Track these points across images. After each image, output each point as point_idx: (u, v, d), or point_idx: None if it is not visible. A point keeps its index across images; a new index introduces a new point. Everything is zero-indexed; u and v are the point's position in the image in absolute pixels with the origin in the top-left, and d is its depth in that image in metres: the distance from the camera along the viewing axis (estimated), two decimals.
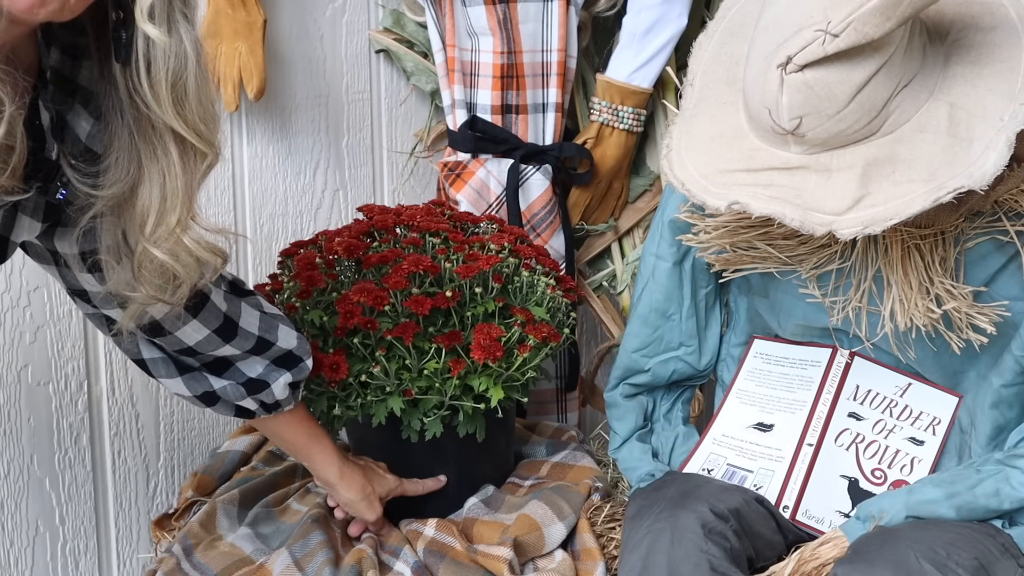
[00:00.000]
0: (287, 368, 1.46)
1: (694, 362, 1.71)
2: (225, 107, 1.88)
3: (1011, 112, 1.25)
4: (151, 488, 1.96)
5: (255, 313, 1.43)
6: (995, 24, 1.32)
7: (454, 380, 1.50)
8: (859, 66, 1.24)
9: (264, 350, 1.44)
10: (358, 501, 1.57)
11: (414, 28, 2.03)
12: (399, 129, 2.10)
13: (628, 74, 1.89)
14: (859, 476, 1.55)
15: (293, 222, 2.03)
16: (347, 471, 1.56)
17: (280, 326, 1.45)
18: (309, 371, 1.49)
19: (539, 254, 1.69)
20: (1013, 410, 1.46)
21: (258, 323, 1.42)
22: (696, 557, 1.36)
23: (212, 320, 1.37)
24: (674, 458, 1.69)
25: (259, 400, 1.46)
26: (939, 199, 1.23)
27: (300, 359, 1.48)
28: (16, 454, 1.80)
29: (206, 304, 1.35)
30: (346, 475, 1.55)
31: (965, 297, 1.40)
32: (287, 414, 1.51)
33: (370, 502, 1.57)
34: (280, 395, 1.47)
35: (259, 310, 1.44)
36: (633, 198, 2.02)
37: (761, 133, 1.33)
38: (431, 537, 1.54)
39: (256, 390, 1.45)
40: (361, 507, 1.57)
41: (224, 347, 1.40)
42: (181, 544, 1.60)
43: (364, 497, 1.56)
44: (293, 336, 1.47)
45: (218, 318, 1.37)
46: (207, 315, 1.36)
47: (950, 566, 1.28)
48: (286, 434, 1.54)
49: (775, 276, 1.57)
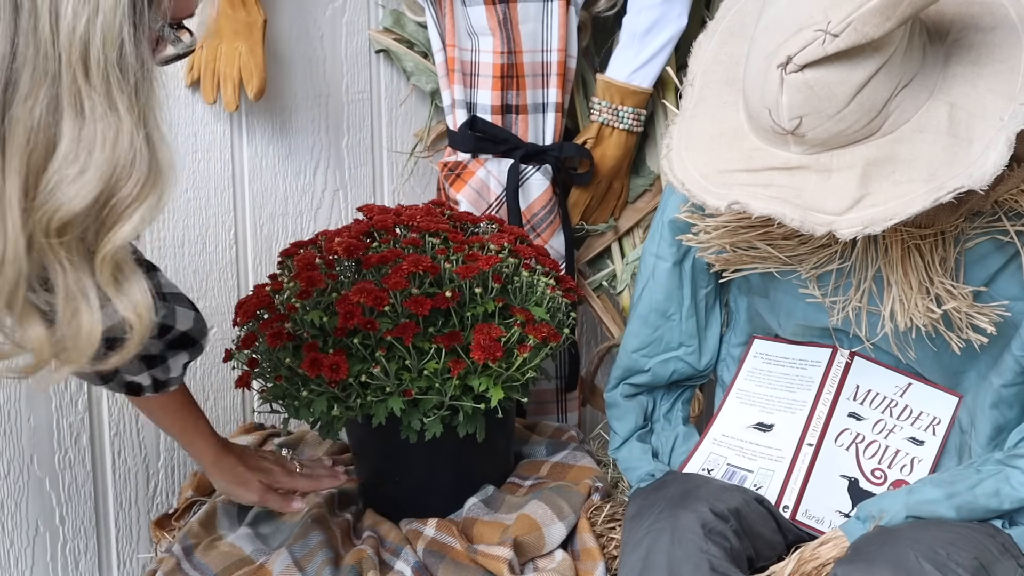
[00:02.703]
0: (184, 348, 1.45)
1: (694, 362, 1.71)
2: (225, 107, 1.88)
3: (1011, 112, 1.25)
4: (151, 488, 1.96)
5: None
6: (995, 24, 1.32)
7: (454, 380, 1.50)
8: (859, 66, 1.24)
9: (164, 335, 1.42)
10: (230, 489, 1.58)
11: (414, 28, 2.03)
12: (399, 129, 2.10)
13: (628, 74, 1.89)
14: (859, 476, 1.55)
15: (293, 222, 2.03)
16: (219, 462, 1.56)
17: (177, 309, 1.42)
18: (203, 351, 1.48)
19: (539, 254, 1.69)
20: (1013, 410, 1.46)
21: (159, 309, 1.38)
22: (696, 557, 1.36)
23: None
24: (674, 458, 1.69)
25: (154, 376, 1.44)
26: (939, 199, 1.23)
27: (196, 340, 1.46)
28: (16, 454, 1.80)
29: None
30: (217, 467, 1.56)
31: (965, 297, 1.40)
32: (171, 395, 1.49)
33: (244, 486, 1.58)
34: (175, 372, 1.45)
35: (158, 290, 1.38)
36: (633, 198, 2.02)
37: (761, 133, 1.33)
38: (431, 537, 1.54)
39: (154, 364, 1.43)
40: (234, 494, 1.59)
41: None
42: (181, 544, 1.60)
43: (237, 484, 1.57)
44: (190, 317, 1.44)
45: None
46: None
47: (950, 566, 1.28)
48: (167, 417, 1.53)
49: (775, 276, 1.57)
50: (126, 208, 0.98)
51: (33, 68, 0.93)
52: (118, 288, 1.02)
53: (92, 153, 0.96)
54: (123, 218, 0.98)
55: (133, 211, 0.98)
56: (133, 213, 0.98)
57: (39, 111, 0.94)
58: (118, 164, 0.96)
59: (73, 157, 0.95)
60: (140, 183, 0.98)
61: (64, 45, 0.93)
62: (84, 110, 0.95)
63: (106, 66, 0.94)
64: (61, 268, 1.00)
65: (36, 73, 0.93)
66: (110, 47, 0.94)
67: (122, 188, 0.97)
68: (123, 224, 0.98)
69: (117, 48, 0.94)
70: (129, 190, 0.97)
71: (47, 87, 0.94)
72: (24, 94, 0.94)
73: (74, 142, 0.95)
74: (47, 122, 0.94)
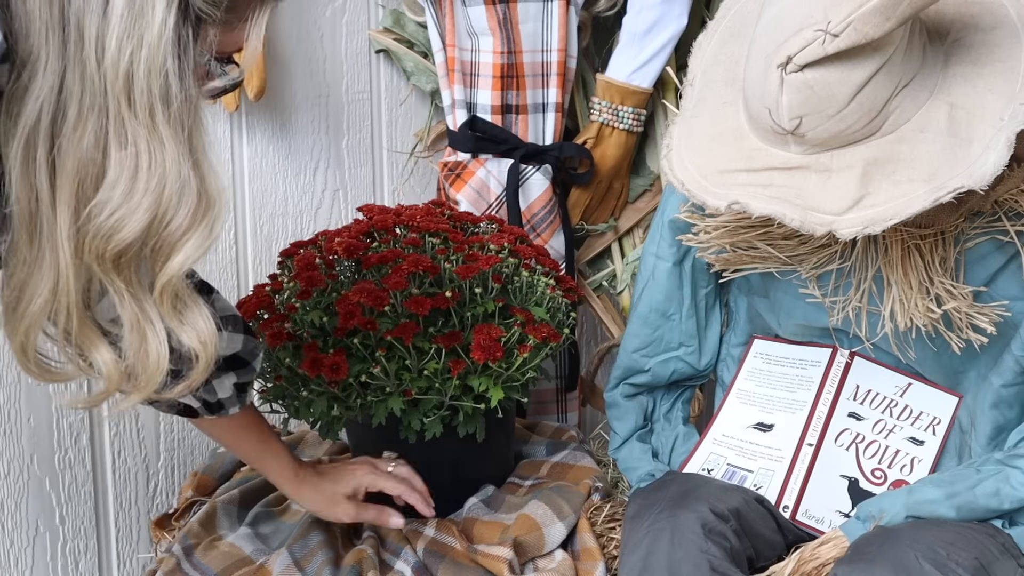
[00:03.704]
0: (230, 369, 1.41)
1: (694, 362, 1.71)
2: (225, 107, 1.88)
3: (1011, 112, 1.25)
4: (151, 488, 1.96)
5: None
6: (995, 24, 1.32)
7: (454, 380, 1.50)
8: (859, 66, 1.24)
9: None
10: (319, 506, 1.53)
11: (414, 28, 2.03)
12: (399, 129, 2.10)
13: (628, 74, 1.89)
14: (859, 476, 1.55)
15: (293, 222, 2.03)
16: (304, 477, 1.51)
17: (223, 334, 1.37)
18: (256, 373, 1.44)
19: (539, 254, 1.69)
20: (1013, 410, 1.46)
21: None
22: (696, 557, 1.36)
23: None
24: (674, 458, 1.69)
25: (201, 399, 1.41)
26: (939, 199, 1.23)
27: (246, 362, 1.42)
28: (16, 454, 1.80)
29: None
30: (304, 482, 1.51)
31: (965, 297, 1.40)
32: (235, 419, 1.45)
33: (334, 504, 1.52)
34: (223, 394, 1.41)
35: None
36: (633, 198, 2.02)
37: (761, 133, 1.33)
38: (431, 537, 1.54)
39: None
40: (326, 512, 1.53)
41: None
42: (181, 544, 1.60)
43: (326, 501, 1.52)
44: (238, 340, 1.41)
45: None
46: None
47: (950, 566, 1.28)
48: (234, 440, 1.49)
49: (775, 276, 1.57)
50: (179, 238, 0.99)
51: (80, 99, 0.94)
52: (180, 318, 1.04)
53: (139, 183, 0.97)
54: (177, 248, 1.00)
55: (186, 240, 1.00)
56: (186, 242, 1.00)
57: (87, 142, 0.95)
58: (166, 194, 0.97)
59: (122, 188, 0.96)
60: (190, 212, 0.99)
61: (109, 78, 0.94)
62: (130, 141, 0.96)
63: (150, 98, 0.95)
64: (122, 298, 1.01)
65: (83, 104, 0.95)
66: (154, 80, 0.95)
67: (173, 218, 0.98)
68: (177, 254, 1.00)
69: (161, 80, 0.95)
70: (180, 220, 0.99)
71: (95, 118, 0.95)
72: (72, 125, 0.95)
73: (121, 173, 0.96)
74: (95, 153, 0.96)
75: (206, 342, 1.05)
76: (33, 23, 0.93)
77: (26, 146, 0.95)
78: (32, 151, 0.95)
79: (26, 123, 0.95)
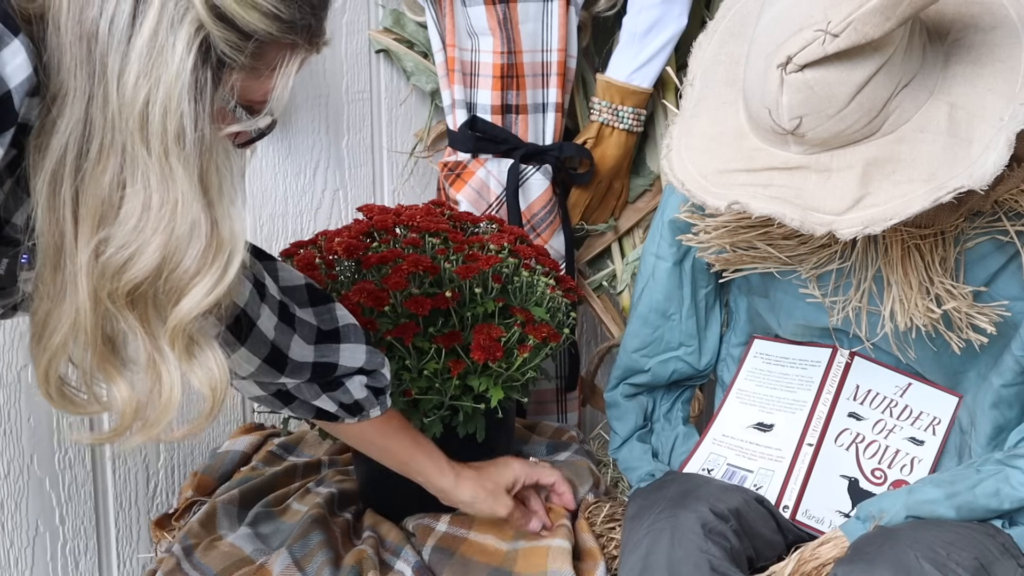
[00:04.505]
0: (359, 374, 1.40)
1: (694, 362, 1.71)
2: None
3: (1011, 112, 1.25)
4: (151, 488, 1.96)
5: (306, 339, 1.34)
6: (995, 24, 1.32)
7: (454, 380, 1.50)
8: (859, 66, 1.24)
9: (326, 375, 1.37)
10: (481, 500, 1.52)
11: (414, 28, 2.03)
12: (399, 129, 2.10)
13: (628, 74, 1.89)
14: (859, 476, 1.55)
15: (293, 222, 2.03)
16: (462, 473, 1.51)
17: (342, 347, 1.36)
18: (388, 380, 1.42)
19: (539, 254, 1.69)
20: (1013, 410, 1.46)
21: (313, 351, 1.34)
22: (696, 557, 1.36)
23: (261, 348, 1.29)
24: (674, 458, 1.69)
25: (337, 400, 1.39)
26: (939, 199, 1.23)
27: (374, 371, 1.41)
28: (16, 454, 1.80)
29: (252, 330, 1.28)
30: (465, 478, 1.51)
31: (965, 297, 1.40)
32: (382, 422, 1.44)
33: (495, 497, 1.52)
34: (358, 394, 1.39)
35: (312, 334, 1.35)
36: (633, 198, 2.02)
37: (761, 133, 1.33)
38: (443, 532, 1.54)
39: (331, 387, 1.38)
40: (484, 506, 1.52)
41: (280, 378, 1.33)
42: (181, 544, 1.60)
43: (488, 494, 1.51)
44: (361, 352, 1.38)
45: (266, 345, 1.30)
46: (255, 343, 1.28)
47: (950, 566, 1.28)
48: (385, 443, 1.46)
49: (775, 276, 1.57)
50: (189, 280, 1.00)
51: (102, 136, 0.95)
52: (191, 361, 1.04)
53: (150, 221, 0.97)
54: (187, 291, 1.00)
55: (196, 283, 1.00)
56: (196, 285, 1.00)
57: (107, 179, 0.96)
58: (175, 233, 0.98)
59: (132, 224, 0.97)
60: (199, 253, 0.99)
61: (125, 114, 0.95)
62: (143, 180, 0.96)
63: (164, 138, 0.95)
64: (136, 336, 1.02)
65: (105, 141, 0.95)
66: (169, 120, 0.95)
67: (183, 259, 0.99)
68: (187, 296, 1.00)
69: (176, 121, 0.95)
70: (190, 261, 0.99)
71: (115, 156, 0.95)
72: (95, 160, 0.95)
73: (135, 211, 0.96)
74: (113, 191, 0.96)
75: (216, 387, 1.05)
76: (64, 57, 0.94)
77: (52, 180, 0.96)
78: (58, 185, 0.96)
79: (53, 157, 0.95)
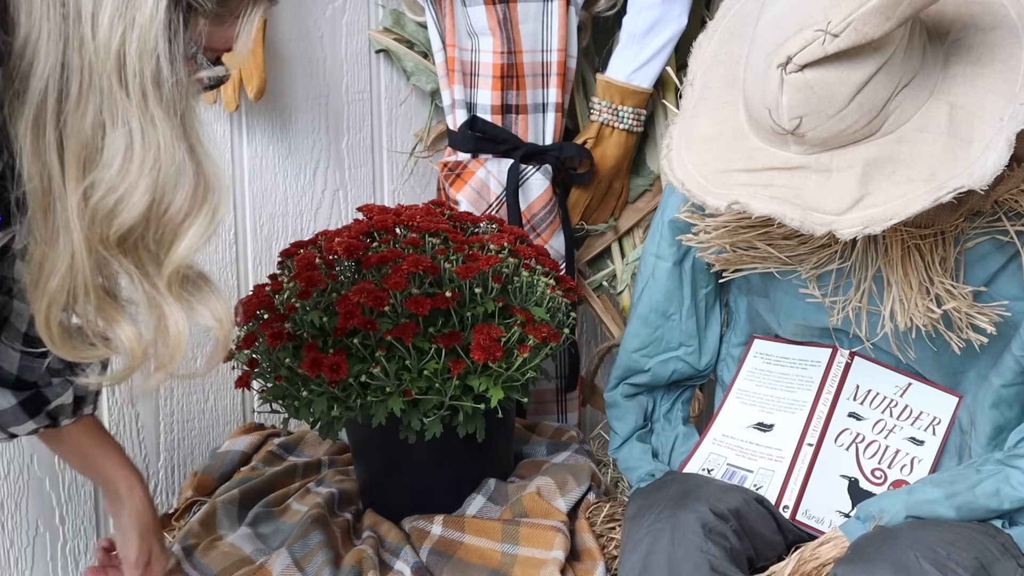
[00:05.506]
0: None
1: (694, 362, 1.71)
2: (225, 107, 1.88)
3: (1011, 112, 1.25)
4: (151, 488, 1.96)
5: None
6: (995, 24, 1.32)
7: (454, 380, 1.50)
8: (859, 66, 1.24)
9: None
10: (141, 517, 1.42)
11: (414, 28, 2.03)
12: (399, 129, 2.10)
13: (628, 74, 1.89)
14: (859, 476, 1.55)
15: (293, 222, 2.03)
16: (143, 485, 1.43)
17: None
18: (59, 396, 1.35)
19: (539, 254, 1.69)
20: (1013, 410, 1.46)
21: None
22: (696, 557, 1.36)
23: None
24: (674, 458, 1.69)
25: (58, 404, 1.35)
26: (939, 199, 1.23)
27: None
28: (16, 454, 1.80)
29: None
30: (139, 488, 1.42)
31: (965, 297, 1.40)
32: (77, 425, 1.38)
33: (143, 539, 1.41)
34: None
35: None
36: (633, 198, 2.02)
37: (761, 133, 1.34)
38: (438, 536, 1.54)
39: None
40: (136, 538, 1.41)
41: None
42: (181, 544, 1.60)
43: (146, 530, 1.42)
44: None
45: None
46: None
47: (950, 566, 1.28)
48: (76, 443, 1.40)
49: (775, 276, 1.57)
50: (180, 223, 1.00)
51: (80, 78, 0.95)
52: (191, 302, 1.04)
53: (134, 164, 0.97)
54: (179, 234, 1.00)
55: (188, 226, 1.00)
56: (188, 228, 1.00)
57: (88, 122, 0.96)
58: (162, 176, 0.97)
59: (116, 167, 0.96)
60: (188, 195, 0.99)
61: (101, 56, 0.94)
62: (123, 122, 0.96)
63: (142, 80, 0.96)
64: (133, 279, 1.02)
65: (84, 84, 0.95)
66: (145, 61, 0.95)
67: (171, 201, 0.99)
68: (181, 240, 1.00)
69: (153, 63, 0.95)
70: (179, 203, 0.99)
71: (94, 98, 0.95)
72: (75, 103, 0.95)
73: (119, 153, 0.96)
74: (96, 133, 0.96)
75: (221, 319, 1.06)
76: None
77: (35, 124, 0.96)
78: (41, 129, 0.96)
79: (33, 101, 0.95)
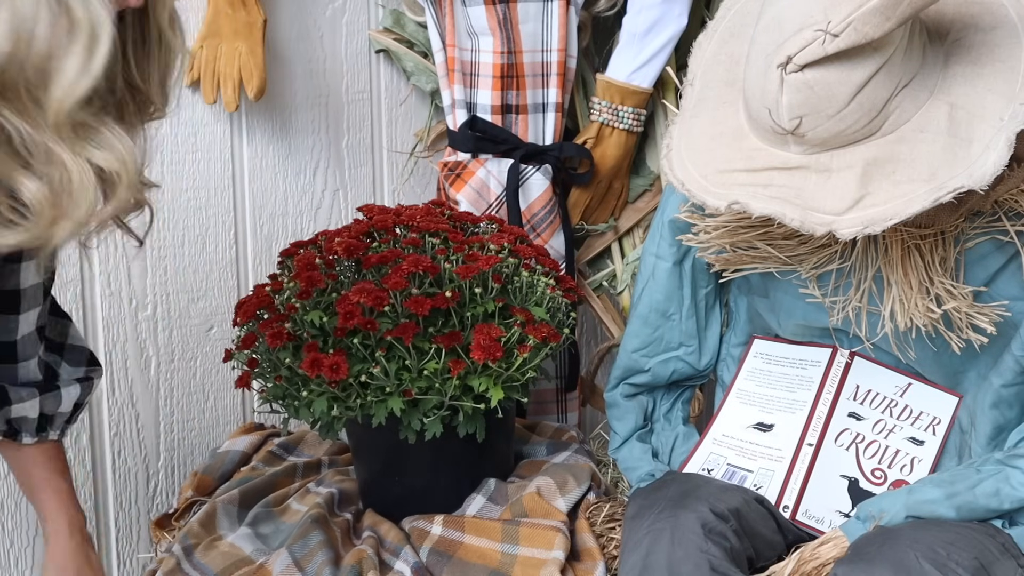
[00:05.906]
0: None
1: (694, 362, 1.71)
2: (225, 107, 1.88)
3: (1011, 112, 1.25)
4: (151, 488, 1.96)
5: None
6: (995, 24, 1.32)
7: (454, 380, 1.50)
8: (859, 66, 1.24)
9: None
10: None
11: (414, 28, 2.03)
12: (399, 129, 2.10)
13: (628, 74, 1.89)
14: (859, 476, 1.55)
15: (293, 222, 2.03)
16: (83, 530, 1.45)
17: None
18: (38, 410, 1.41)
19: (539, 254, 1.69)
20: (1013, 410, 1.46)
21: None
22: (696, 557, 1.36)
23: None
24: (674, 458, 1.69)
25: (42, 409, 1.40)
26: (939, 199, 1.23)
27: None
28: None
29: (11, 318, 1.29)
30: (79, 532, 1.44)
31: (965, 297, 1.40)
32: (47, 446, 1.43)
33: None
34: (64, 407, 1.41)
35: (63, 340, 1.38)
36: (633, 198, 2.02)
37: (761, 133, 1.34)
38: (438, 536, 1.54)
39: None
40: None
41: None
42: (181, 544, 1.60)
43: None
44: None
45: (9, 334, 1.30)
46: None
47: (950, 566, 1.28)
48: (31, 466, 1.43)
49: (775, 276, 1.57)
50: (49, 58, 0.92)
51: None
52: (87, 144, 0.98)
53: None
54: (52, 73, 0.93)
55: (59, 63, 0.93)
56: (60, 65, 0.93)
57: None
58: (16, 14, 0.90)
59: None
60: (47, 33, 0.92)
61: None
62: None
63: None
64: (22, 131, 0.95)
65: None
66: None
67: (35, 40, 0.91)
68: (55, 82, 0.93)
69: None
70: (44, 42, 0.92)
71: None
72: None
73: None
74: None
75: (125, 159, 0.99)
76: None
77: None
78: None
79: None
